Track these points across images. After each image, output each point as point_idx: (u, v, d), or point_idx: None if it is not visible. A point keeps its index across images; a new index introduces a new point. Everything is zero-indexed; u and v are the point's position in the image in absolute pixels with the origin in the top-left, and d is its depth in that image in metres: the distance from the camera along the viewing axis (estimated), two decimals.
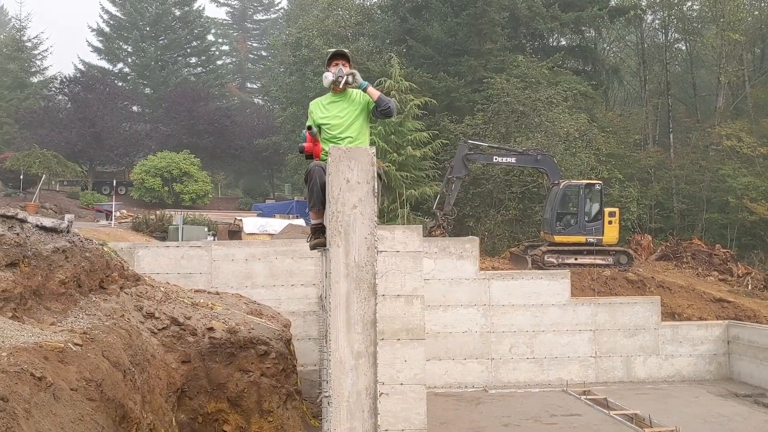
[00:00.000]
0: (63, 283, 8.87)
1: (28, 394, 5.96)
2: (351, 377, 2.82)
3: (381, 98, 5.45)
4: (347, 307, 2.87)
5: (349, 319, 2.86)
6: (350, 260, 2.89)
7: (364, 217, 2.88)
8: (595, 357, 17.02)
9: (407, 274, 10.21)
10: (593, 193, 22.59)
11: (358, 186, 2.90)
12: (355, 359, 2.83)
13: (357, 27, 36.42)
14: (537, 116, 28.34)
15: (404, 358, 10.17)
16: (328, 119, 5.29)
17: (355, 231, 2.89)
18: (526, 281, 17.17)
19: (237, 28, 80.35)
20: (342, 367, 2.83)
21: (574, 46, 39.55)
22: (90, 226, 25.58)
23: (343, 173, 2.92)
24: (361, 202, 2.89)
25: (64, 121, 41.18)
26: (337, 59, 5.49)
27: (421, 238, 10.45)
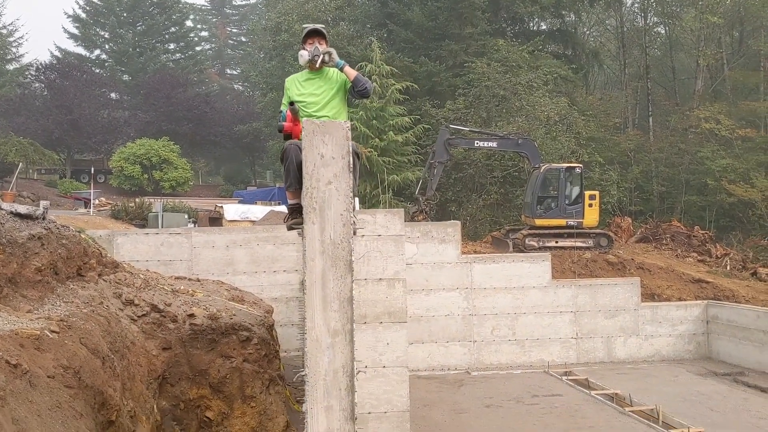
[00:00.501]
0: (39, 270, 8.76)
1: (3, 381, 5.87)
2: (328, 355, 2.79)
3: (358, 78, 5.37)
4: (323, 285, 2.84)
5: (326, 297, 2.83)
6: (326, 237, 2.85)
7: (340, 192, 2.85)
8: (576, 338, 17.15)
9: (389, 258, 10.16)
10: (573, 177, 22.67)
11: (333, 161, 2.86)
12: (332, 337, 2.80)
13: (337, 11, 36.16)
14: (518, 100, 28.36)
15: (386, 341, 10.15)
16: (304, 96, 5.20)
17: (330, 207, 2.85)
18: (508, 264, 17.22)
19: (216, 13, 79.56)
20: (318, 345, 2.80)
21: (555, 30, 39.56)
22: (68, 214, 25.27)
23: (317, 148, 2.88)
24: (337, 178, 2.85)
25: (40, 109, 40.57)
26: (312, 37, 5.36)
27: (402, 222, 10.38)
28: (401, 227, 10.31)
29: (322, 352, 2.76)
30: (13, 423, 5.65)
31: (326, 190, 2.82)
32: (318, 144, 2.85)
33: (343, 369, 2.76)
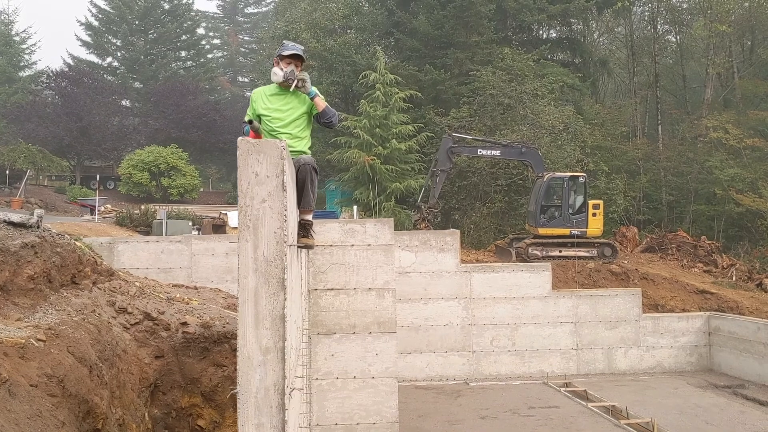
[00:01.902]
0: (32, 278, 8.81)
1: None
2: (259, 373, 2.78)
3: (326, 110, 5.36)
4: (256, 303, 2.83)
5: (258, 314, 2.82)
6: (259, 255, 2.85)
7: (274, 210, 2.85)
8: (577, 349, 17.06)
9: (378, 268, 10.19)
10: (577, 186, 22.58)
11: (267, 180, 2.86)
12: (263, 354, 2.80)
13: (344, 20, 36.30)
14: (523, 108, 28.30)
15: (376, 351, 10.16)
16: (269, 111, 5.21)
17: (264, 225, 2.85)
18: (507, 274, 17.19)
19: (228, 21, 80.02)
20: (250, 362, 2.80)
21: (563, 38, 39.49)
22: (74, 220, 25.47)
23: (251, 167, 2.89)
24: (270, 196, 2.85)
25: (51, 116, 40.92)
26: (291, 58, 5.36)
27: (392, 231, 10.43)
28: (391, 237, 10.35)
29: (253, 369, 2.76)
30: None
31: (260, 208, 2.82)
32: (252, 163, 2.85)
33: (274, 387, 2.76)
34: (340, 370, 10.07)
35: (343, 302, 10.04)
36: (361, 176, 26.38)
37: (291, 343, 3.23)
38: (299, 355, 4.10)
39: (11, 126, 41.61)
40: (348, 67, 32.14)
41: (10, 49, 53.14)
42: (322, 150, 31.30)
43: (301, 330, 4.81)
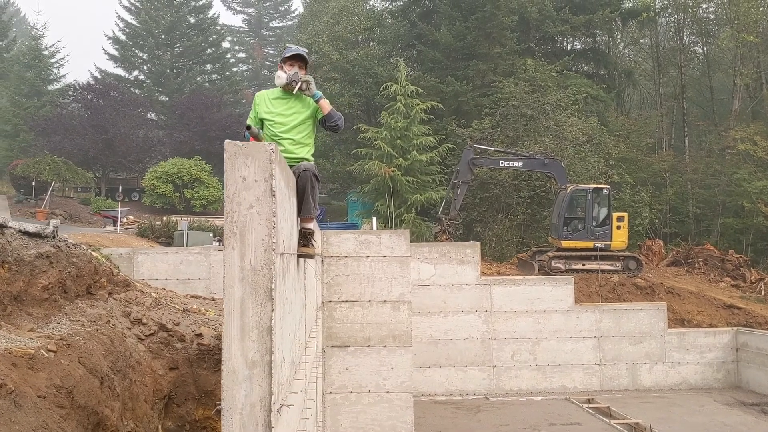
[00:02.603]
0: (46, 288, 8.77)
1: None
2: (245, 388, 2.63)
3: (331, 113, 5.19)
4: (242, 314, 2.69)
5: (244, 326, 2.68)
6: (245, 263, 2.71)
7: (262, 217, 2.71)
8: (600, 364, 16.70)
9: (394, 280, 10.02)
10: (601, 198, 22.24)
11: (255, 184, 2.72)
12: (249, 369, 2.65)
13: (367, 33, 36.35)
14: (546, 120, 28.01)
15: (391, 365, 9.97)
16: (272, 116, 5.09)
17: (251, 232, 2.71)
18: (529, 287, 16.91)
19: (253, 35, 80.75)
20: (235, 377, 2.65)
21: (587, 50, 39.15)
22: (97, 231, 25.66)
23: (239, 171, 2.75)
24: (259, 202, 2.71)
25: (77, 128, 41.41)
26: (294, 60, 5.21)
27: (408, 242, 10.26)
28: (407, 248, 10.18)
29: (238, 384, 2.61)
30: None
31: (247, 214, 2.68)
32: (240, 166, 2.72)
33: (260, 403, 2.60)
34: (354, 383, 9.90)
35: (358, 314, 9.88)
36: (382, 188, 26.27)
37: (282, 357, 3.08)
38: (297, 369, 3.94)
39: (39, 138, 42.19)
40: (370, 79, 32.13)
41: (39, 63, 53.97)
42: (344, 162, 31.28)
43: (302, 343, 4.65)
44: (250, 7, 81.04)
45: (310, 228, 4.46)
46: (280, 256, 2.97)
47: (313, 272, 6.52)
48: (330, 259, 9.82)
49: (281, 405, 2.85)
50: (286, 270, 3.33)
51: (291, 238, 3.70)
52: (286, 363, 3.23)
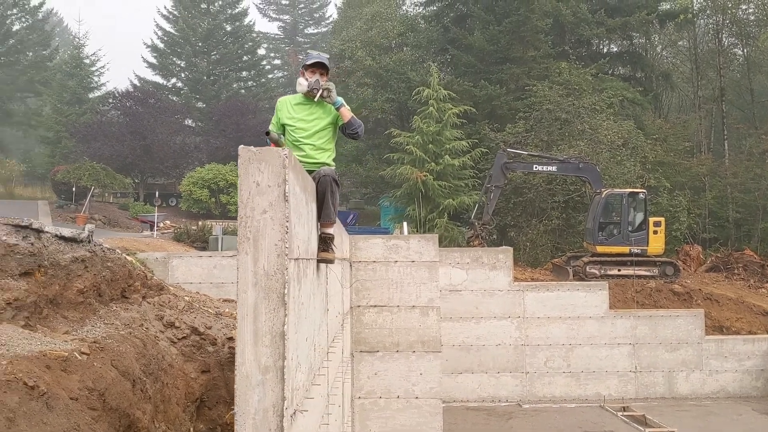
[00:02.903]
0: (81, 292, 8.93)
1: (16, 402, 5.89)
2: (258, 393, 2.65)
3: (352, 121, 5.21)
4: (255, 319, 2.70)
5: (257, 331, 2.69)
6: (259, 268, 2.72)
7: (275, 222, 2.72)
8: (635, 372, 16.42)
9: (422, 285, 9.99)
10: (637, 202, 21.89)
11: (268, 189, 2.74)
12: (263, 374, 2.66)
13: (400, 38, 36.38)
14: (580, 123, 27.70)
15: (420, 370, 9.93)
16: (293, 121, 5.13)
17: (264, 237, 2.73)
18: (562, 293, 16.72)
19: (288, 42, 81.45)
20: (248, 382, 2.66)
21: (623, 52, 38.62)
22: (134, 236, 26.10)
23: (252, 176, 2.77)
24: (272, 207, 2.73)
25: (116, 135, 42.24)
26: (315, 68, 5.24)
27: (437, 247, 10.22)
28: (436, 253, 10.14)
29: (252, 389, 2.62)
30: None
31: (261, 219, 2.70)
32: (253, 172, 2.74)
33: (273, 408, 2.61)
34: (383, 389, 9.88)
35: (386, 319, 9.87)
36: (413, 192, 26.24)
37: (298, 362, 3.08)
38: (317, 374, 3.95)
39: (80, 145, 43.12)
40: (403, 84, 32.15)
41: (81, 71, 55.23)
42: (376, 166, 31.32)
43: (323, 348, 4.66)
44: (285, 14, 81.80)
45: (330, 233, 4.47)
46: (295, 261, 2.98)
47: (337, 277, 6.53)
48: (358, 263, 9.83)
49: (295, 411, 2.86)
50: (303, 275, 3.34)
51: (309, 243, 3.71)
52: (302, 368, 3.24)
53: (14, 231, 8.57)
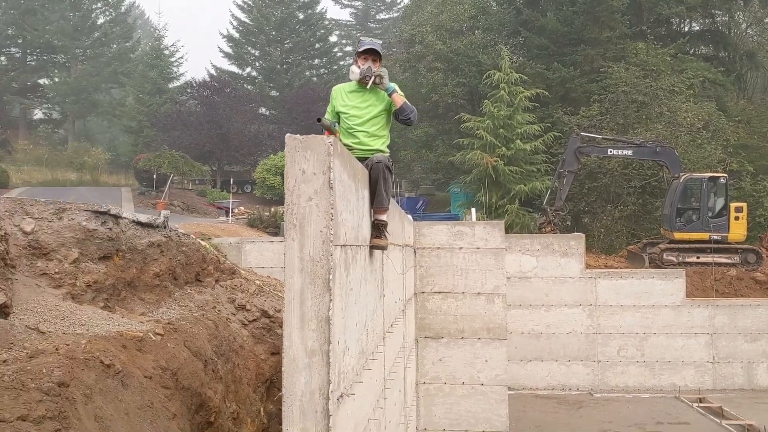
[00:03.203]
0: (157, 275, 9.32)
1: (93, 380, 6.19)
2: (304, 376, 2.72)
3: (404, 107, 5.21)
4: (301, 303, 2.77)
5: (303, 315, 2.75)
6: (305, 254, 2.78)
7: (320, 209, 2.77)
8: (713, 362, 15.87)
9: (488, 272, 9.93)
10: (717, 187, 21.03)
11: (314, 177, 2.79)
12: (309, 357, 2.73)
13: (471, 21, 35.90)
14: (658, 106, 26.73)
15: (485, 357, 9.90)
16: (347, 108, 5.17)
17: (310, 224, 2.78)
18: (636, 281, 16.30)
19: (360, 28, 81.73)
20: (295, 365, 2.74)
21: (705, 31, 36.97)
22: (210, 221, 26.90)
23: (298, 164, 2.82)
24: (317, 194, 2.78)
25: (194, 124, 43.50)
26: (368, 54, 5.27)
27: (503, 234, 10.13)
28: (502, 239, 10.06)
29: (299, 372, 2.69)
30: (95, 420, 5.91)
31: (306, 207, 2.76)
32: (300, 160, 2.79)
33: (319, 391, 2.68)
34: (447, 375, 9.91)
35: (451, 306, 9.87)
36: (484, 178, 25.97)
37: (346, 346, 3.14)
38: (369, 359, 4.00)
39: (160, 134, 44.66)
40: (473, 67, 31.77)
41: (161, 62, 57.01)
42: (446, 152, 31.13)
43: (378, 333, 4.71)
44: (357, 0, 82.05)
45: (383, 220, 4.50)
46: (341, 247, 3.03)
47: (397, 263, 6.57)
48: (422, 250, 9.86)
49: (342, 394, 2.92)
50: (352, 261, 3.39)
51: (359, 229, 3.75)
52: (351, 352, 3.29)
53: (94, 216, 8.99)
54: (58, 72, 62.13)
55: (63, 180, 44.17)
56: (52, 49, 59.59)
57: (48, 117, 65.21)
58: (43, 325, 7.08)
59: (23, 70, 60.05)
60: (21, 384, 5.22)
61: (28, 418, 5.09)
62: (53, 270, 8.11)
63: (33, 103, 61.60)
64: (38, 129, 58.71)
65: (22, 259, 7.97)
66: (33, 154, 49.03)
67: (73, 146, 53.87)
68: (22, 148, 49.97)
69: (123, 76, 59.79)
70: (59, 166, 47.73)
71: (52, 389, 5.41)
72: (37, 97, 61.79)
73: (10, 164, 44.74)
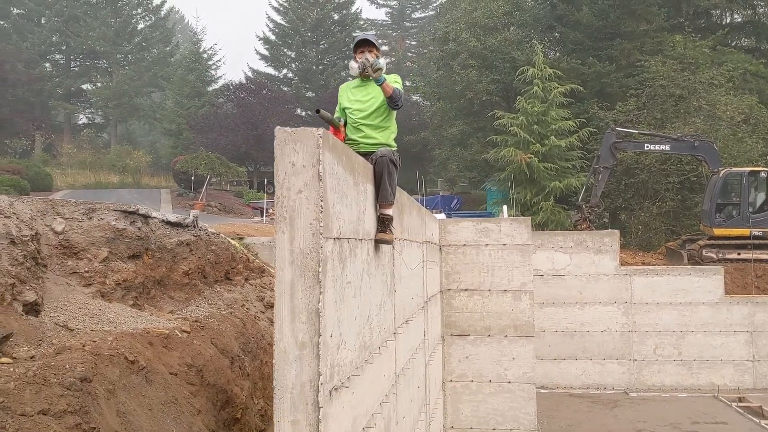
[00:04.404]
0: (186, 274, 9.46)
1: (117, 375, 6.30)
2: (295, 368, 2.72)
3: (393, 94, 5.10)
4: (292, 296, 2.77)
5: (294, 307, 2.76)
6: (295, 247, 2.79)
7: (310, 202, 2.77)
8: (753, 361, 15.45)
9: (515, 269, 9.83)
10: (759, 182, 20.46)
11: (303, 170, 2.79)
12: (299, 350, 2.73)
13: (505, 17, 35.60)
14: (696, 99, 26.14)
15: (512, 355, 9.81)
16: (351, 103, 5.20)
17: (300, 216, 2.79)
18: (673, 278, 15.96)
19: (396, 27, 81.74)
20: (286, 357, 2.74)
21: (746, 23, 36.02)
22: (245, 221, 27.19)
23: (288, 156, 2.83)
24: (307, 187, 2.78)
25: (230, 126, 44.05)
26: (363, 47, 5.27)
27: (529, 230, 10.02)
28: (528, 236, 9.95)
29: (289, 364, 2.70)
30: (117, 415, 6.01)
31: (296, 199, 2.76)
32: (289, 152, 2.80)
33: (310, 383, 2.68)
34: (474, 372, 9.84)
35: (477, 303, 9.80)
36: (518, 175, 25.73)
37: (342, 339, 3.14)
38: (374, 353, 3.99)
39: (198, 137, 45.35)
40: (507, 64, 31.49)
41: (199, 66, 57.86)
42: (481, 149, 30.93)
43: (387, 328, 4.69)
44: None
45: (388, 214, 4.48)
46: (334, 240, 3.02)
47: (415, 259, 6.54)
48: (448, 247, 9.81)
49: (335, 387, 2.91)
50: (349, 255, 3.38)
51: (358, 223, 3.74)
52: (349, 346, 3.29)
53: (123, 216, 9.15)
54: (101, 77, 63.57)
55: (105, 182, 45.16)
56: (95, 54, 60.96)
57: (91, 121, 66.78)
58: (72, 322, 7.23)
59: (67, 76, 61.57)
60: (43, 379, 5.33)
61: (49, 413, 5.20)
62: (83, 269, 8.29)
63: (77, 108, 63.13)
64: (82, 133, 60.13)
65: (53, 258, 8.17)
66: (77, 157, 50.23)
67: (115, 149, 55.04)
68: (67, 152, 51.23)
69: (163, 80, 60.88)
70: (102, 169, 48.83)
71: (73, 384, 5.52)
72: (81, 102, 63.34)
73: (56, 168, 45.91)
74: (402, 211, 5.85)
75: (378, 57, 5.22)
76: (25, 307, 6.44)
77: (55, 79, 60.66)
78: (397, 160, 4.75)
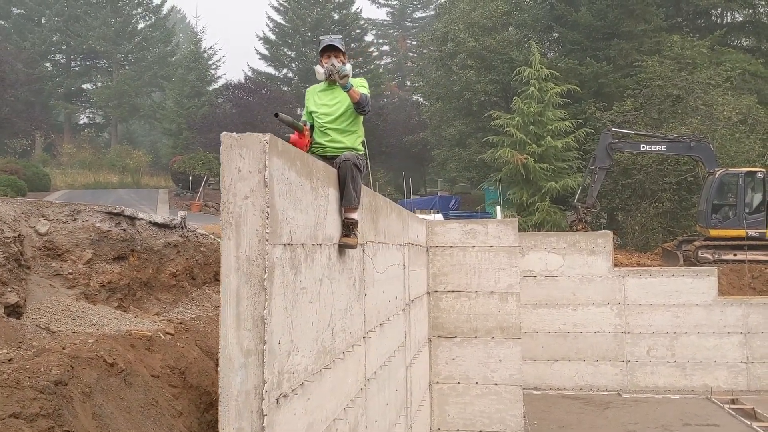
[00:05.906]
0: (174, 275, 9.44)
1: (94, 378, 6.26)
2: (240, 376, 2.70)
3: (360, 100, 5.05)
4: (237, 303, 2.75)
5: (239, 315, 2.74)
6: (241, 253, 2.77)
7: (256, 207, 2.75)
8: (747, 363, 15.41)
9: (501, 270, 9.81)
10: (755, 182, 20.40)
11: (249, 175, 2.77)
12: (245, 357, 2.71)
13: (504, 17, 35.54)
14: (693, 100, 26.07)
15: (499, 357, 9.78)
16: (317, 107, 5.19)
17: (246, 222, 2.77)
18: (666, 279, 15.93)
19: (397, 27, 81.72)
20: (231, 365, 2.72)
21: (746, 22, 35.94)
22: None
23: (234, 162, 2.81)
24: (253, 192, 2.76)
25: (230, 125, 43.97)
26: (329, 51, 5.24)
27: (516, 232, 10.00)
28: (515, 238, 9.92)
29: (234, 372, 2.68)
30: (93, 418, 5.98)
31: (242, 205, 2.74)
32: (235, 158, 2.77)
33: (255, 390, 2.66)
34: (461, 374, 9.82)
35: (464, 305, 9.77)
36: (514, 176, 25.69)
37: (292, 346, 3.11)
38: (336, 359, 3.96)
39: (197, 136, 45.32)
40: (506, 64, 31.45)
41: (199, 65, 57.84)
42: (479, 150, 30.90)
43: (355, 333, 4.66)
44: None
45: (353, 218, 4.45)
46: (284, 246, 3.00)
47: (394, 262, 6.51)
48: (435, 249, 9.78)
49: (282, 394, 2.89)
50: (304, 260, 3.36)
51: (317, 228, 3.72)
52: (303, 352, 3.26)
53: (108, 218, 9.13)
54: (101, 77, 63.61)
55: (105, 182, 45.16)
56: (95, 54, 60.99)
57: (92, 121, 66.84)
58: (54, 324, 7.21)
59: (67, 76, 61.62)
60: (16, 382, 5.30)
61: (21, 416, 5.17)
62: (67, 270, 8.26)
63: (77, 107, 63.18)
64: (82, 133, 60.17)
65: (37, 259, 8.14)
66: (77, 157, 50.26)
67: (115, 149, 55.07)
68: (67, 152, 51.27)
69: (163, 80, 60.87)
70: (102, 168, 48.84)
71: (47, 387, 5.48)
72: (81, 102, 63.39)
73: (56, 168, 45.90)
74: (377, 214, 5.83)
75: (344, 62, 5.18)
76: (6, 309, 6.42)
77: (56, 79, 60.71)
78: (361, 164, 4.72)
